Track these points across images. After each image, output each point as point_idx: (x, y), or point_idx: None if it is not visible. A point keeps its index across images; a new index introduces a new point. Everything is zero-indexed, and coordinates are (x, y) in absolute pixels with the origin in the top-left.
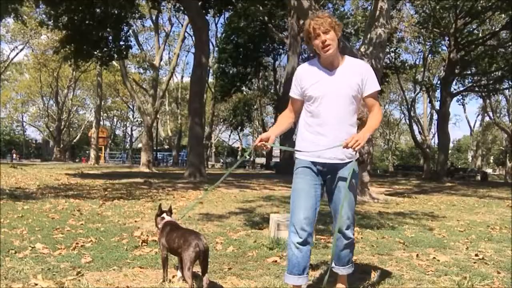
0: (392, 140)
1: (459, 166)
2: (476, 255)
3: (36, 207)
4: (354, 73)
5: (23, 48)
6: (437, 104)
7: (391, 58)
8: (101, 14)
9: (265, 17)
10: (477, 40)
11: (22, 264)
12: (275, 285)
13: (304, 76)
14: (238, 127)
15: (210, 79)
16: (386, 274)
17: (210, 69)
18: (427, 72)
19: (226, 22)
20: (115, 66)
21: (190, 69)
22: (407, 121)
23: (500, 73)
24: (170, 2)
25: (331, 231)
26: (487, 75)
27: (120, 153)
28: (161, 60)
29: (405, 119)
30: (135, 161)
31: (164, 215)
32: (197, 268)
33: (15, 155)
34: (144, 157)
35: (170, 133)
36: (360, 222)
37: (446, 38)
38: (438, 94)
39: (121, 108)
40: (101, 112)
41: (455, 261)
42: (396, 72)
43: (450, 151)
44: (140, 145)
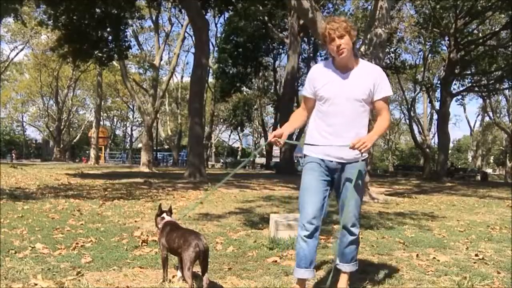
0: (392, 140)
1: (459, 166)
2: (476, 255)
3: (36, 207)
4: (367, 77)
5: (23, 48)
6: (437, 104)
7: (391, 58)
8: (101, 14)
9: (265, 17)
10: (477, 40)
11: (22, 264)
12: (275, 285)
13: (317, 76)
14: (238, 127)
15: (210, 79)
16: (386, 274)
17: (210, 69)
18: (427, 72)
19: (226, 22)
20: (115, 66)
21: (190, 69)
22: (407, 121)
23: (500, 73)
24: (170, 2)
25: (336, 232)
26: (487, 75)
27: (120, 153)
28: (161, 60)
29: (405, 119)
30: (135, 161)
31: (164, 215)
32: (197, 268)
33: (14, 155)
34: (144, 157)
35: (170, 133)
36: (360, 222)
37: (446, 38)
38: (438, 94)
39: (121, 108)
40: (101, 112)
41: (455, 261)
42: (396, 72)
43: (450, 151)
44: (140, 145)
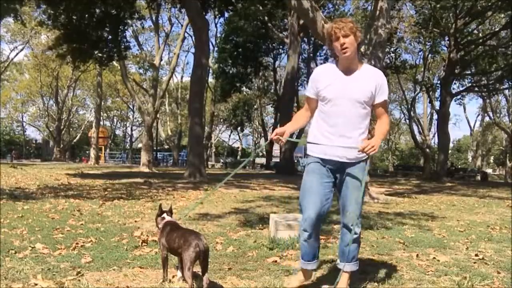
0: (392, 140)
1: (459, 166)
2: (476, 255)
3: (36, 207)
4: (369, 80)
5: (23, 48)
6: (437, 104)
7: (391, 58)
8: (100, 14)
9: (265, 17)
10: (477, 40)
11: (22, 264)
12: (275, 285)
13: (321, 77)
14: (238, 127)
15: (210, 79)
16: (386, 274)
17: (210, 69)
18: (427, 72)
19: (226, 22)
20: (115, 66)
21: (190, 69)
22: (407, 121)
23: (500, 73)
24: (169, 2)
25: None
26: (487, 75)
27: (120, 153)
28: (161, 60)
29: (405, 119)
30: (135, 161)
31: (164, 215)
32: (197, 268)
33: (14, 155)
34: (144, 157)
35: (170, 133)
36: (361, 221)
37: (446, 38)
38: (438, 94)
39: (121, 108)
40: (101, 112)
41: (455, 261)
42: (396, 72)
43: (450, 151)
44: (140, 145)
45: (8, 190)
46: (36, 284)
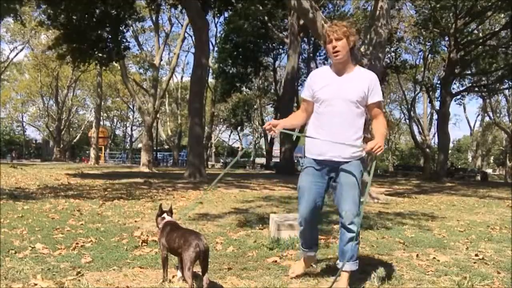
0: (392, 140)
1: (459, 166)
2: (476, 255)
3: (36, 207)
4: (362, 81)
5: (22, 49)
6: (437, 104)
7: (391, 58)
8: (100, 14)
9: (265, 17)
10: (477, 40)
11: (22, 264)
12: (275, 285)
13: (316, 80)
14: (238, 127)
15: (210, 79)
16: (386, 274)
17: (210, 69)
18: (427, 72)
19: (225, 21)
20: (115, 66)
21: (190, 69)
22: (407, 121)
23: (500, 73)
24: (169, 3)
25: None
26: (487, 75)
27: (120, 153)
28: (161, 60)
29: (405, 119)
30: (135, 161)
31: (164, 215)
32: (197, 268)
33: (14, 155)
34: (144, 157)
35: (170, 133)
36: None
37: (446, 38)
38: (438, 94)
39: (121, 108)
40: (101, 112)
41: (455, 261)
42: (396, 72)
43: (450, 151)
44: (140, 145)
45: (8, 190)
46: (36, 284)
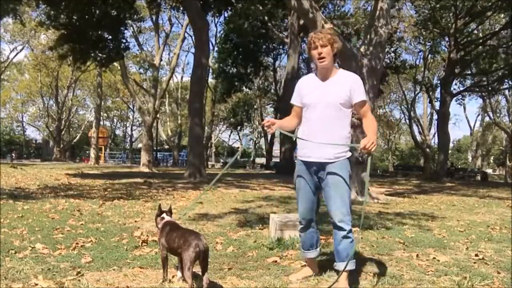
0: (392, 140)
1: (459, 166)
2: (476, 255)
3: (36, 207)
4: (344, 84)
5: (22, 49)
6: (437, 104)
7: (391, 58)
8: (100, 14)
9: (265, 17)
10: (477, 40)
11: (22, 264)
12: (275, 285)
13: (303, 86)
14: (237, 126)
15: (210, 79)
16: (386, 274)
17: (210, 69)
18: (427, 72)
19: (225, 21)
20: (115, 66)
21: (190, 69)
22: (407, 121)
23: (500, 73)
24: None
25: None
26: (487, 75)
27: (120, 153)
28: (161, 60)
29: (405, 119)
30: (135, 161)
31: (163, 215)
32: (197, 268)
33: (14, 155)
34: (144, 157)
35: (170, 133)
36: (360, 222)
37: (446, 38)
38: (438, 94)
39: (121, 108)
40: (101, 112)
41: (455, 261)
42: (396, 72)
43: (450, 151)
44: (140, 145)
45: (8, 190)
46: (36, 284)
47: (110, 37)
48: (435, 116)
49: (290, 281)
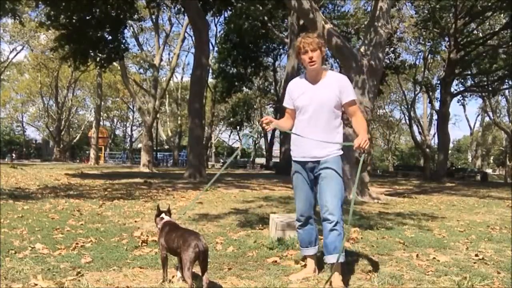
0: (392, 140)
1: (459, 167)
2: (476, 255)
3: (36, 207)
4: (334, 85)
5: (21, 49)
6: (437, 104)
7: (391, 58)
8: (100, 15)
9: (265, 17)
10: (477, 40)
11: (22, 264)
12: (275, 285)
13: (294, 89)
14: (237, 126)
15: (210, 79)
16: (386, 274)
17: (210, 69)
18: (427, 72)
19: (225, 21)
20: (115, 66)
21: (190, 69)
22: (407, 121)
23: (501, 73)
24: (170, 3)
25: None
26: (487, 75)
27: (120, 153)
28: (161, 60)
29: (405, 119)
30: (135, 162)
31: (163, 215)
32: (196, 268)
33: (15, 155)
34: (144, 158)
35: (170, 134)
36: (360, 222)
37: (446, 38)
38: (438, 94)
39: (121, 108)
40: (101, 112)
41: (455, 261)
42: (396, 72)
43: (450, 151)
44: (140, 145)
45: (8, 190)
46: (36, 284)
47: (110, 37)
48: (435, 116)
49: (290, 281)
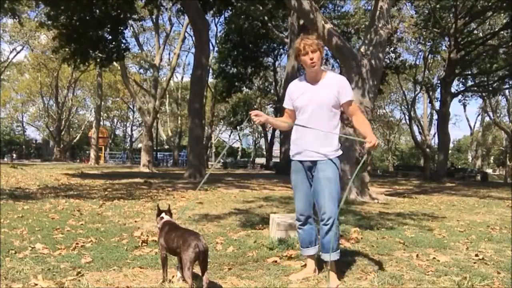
0: (392, 140)
1: (459, 167)
2: (476, 255)
3: (36, 207)
4: (333, 86)
5: (21, 49)
6: (437, 104)
7: (391, 58)
8: (100, 15)
9: (265, 17)
10: (477, 40)
11: (22, 264)
12: (275, 285)
13: (293, 90)
14: (237, 126)
15: (210, 79)
16: (386, 274)
17: (210, 69)
18: (427, 72)
19: (225, 21)
20: (115, 66)
21: (191, 69)
22: (407, 121)
23: (501, 73)
24: (170, 2)
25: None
26: (487, 75)
27: (120, 153)
28: (161, 60)
29: (405, 119)
30: (135, 161)
31: (163, 214)
32: (197, 268)
33: (15, 155)
34: (144, 158)
35: (170, 134)
36: (360, 222)
37: (446, 38)
38: (438, 94)
39: (121, 108)
40: (101, 112)
41: (455, 261)
42: (396, 72)
43: (450, 151)
44: (140, 145)
45: (8, 190)
46: (36, 284)
47: (110, 37)
48: (435, 116)
49: (290, 281)
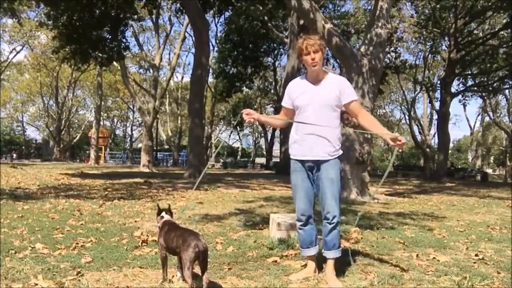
0: None
1: (459, 166)
2: (476, 255)
3: (36, 207)
4: (334, 86)
5: (21, 50)
6: (437, 104)
7: (391, 58)
8: (100, 14)
9: (265, 17)
10: (477, 40)
11: (22, 264)
12: (275, 285)
13: (293, 89)
14: (237, 126)
15: (210, 79)
16: (386, 274)
17: (210, 69)
18: (427, 72)
19: (226, 21)
20: (115, 66)
21: (191, 69)
22: (407, 121)
23: (501, 73)
24: (170, 2)
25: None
26: (487, 75)
27: (120, 153)
28: (161, 60)
29: (405, 119)
30: (135, 161)
31: (163, 213)
32: (196, 268)
33: (15, 155)
34: (144, 157)
35: (170, 133)
36: (360, 222)
37: (446, 38)
38: (438, 94)
39: (121, 108)
40: (101, 112)
41: (455, 261)
42: (396, 72)
43: (450, 151)
44: (140, 145)
45: (8, 190)
46: (36, 284)
47: (110, 37)
48: (435, 116)
49: (290, 281)
